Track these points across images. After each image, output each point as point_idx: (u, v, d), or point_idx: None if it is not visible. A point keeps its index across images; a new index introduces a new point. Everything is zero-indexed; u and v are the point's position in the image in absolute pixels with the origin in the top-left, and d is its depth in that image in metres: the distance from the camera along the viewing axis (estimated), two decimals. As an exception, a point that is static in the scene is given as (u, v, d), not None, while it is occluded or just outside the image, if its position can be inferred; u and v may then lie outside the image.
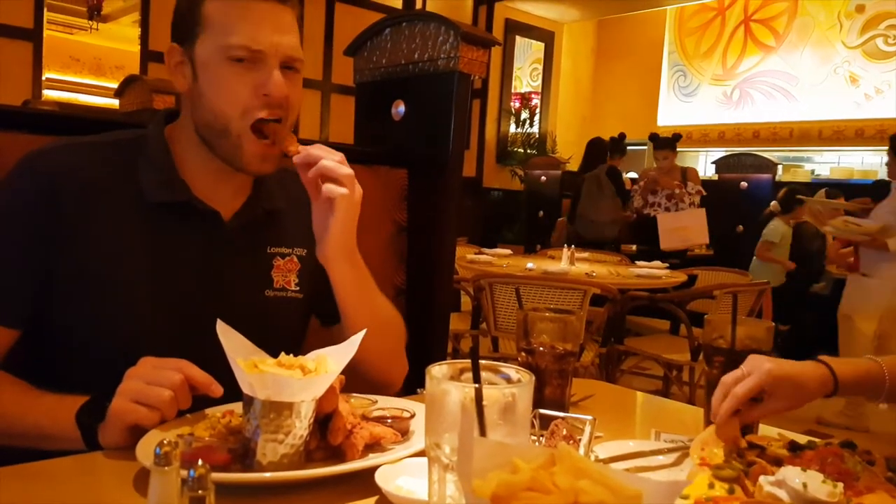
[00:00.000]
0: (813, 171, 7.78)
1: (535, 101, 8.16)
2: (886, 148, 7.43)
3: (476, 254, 3.99)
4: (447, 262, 1.70)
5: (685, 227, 5.08)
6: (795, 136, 8.02)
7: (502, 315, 3.07)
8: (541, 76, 8.41)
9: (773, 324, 1.12)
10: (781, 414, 0.97)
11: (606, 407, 1.26)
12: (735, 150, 7.72)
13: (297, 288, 1.17)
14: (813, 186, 6.39)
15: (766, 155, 6.49)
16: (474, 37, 1.60)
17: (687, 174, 5.53)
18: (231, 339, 0.91)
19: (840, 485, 0.79)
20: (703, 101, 8.84)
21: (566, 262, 3.70)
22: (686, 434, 1.11)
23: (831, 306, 5.05)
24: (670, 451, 0.97)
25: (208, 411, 0.97)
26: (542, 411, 0.95)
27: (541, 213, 6.38)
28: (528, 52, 8.51)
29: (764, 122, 8.23)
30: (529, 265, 3.52)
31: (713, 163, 6.58)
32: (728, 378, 0.95)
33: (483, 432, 0.61)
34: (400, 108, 1.73)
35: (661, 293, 3.56)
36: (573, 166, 7.33)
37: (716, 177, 6.56)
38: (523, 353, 1.08)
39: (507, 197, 7.57)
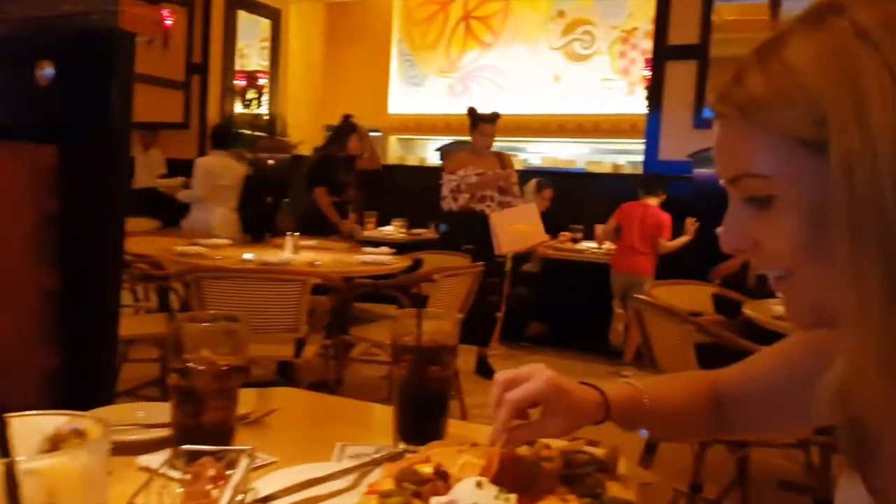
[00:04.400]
0: (526, 161, 8.44)
1: (263, 80, 7.77)
2: (584, 140, 8.40)
3: (190, 244, 3.63)
4: (114, 257, 1.42)
5: (522, 225, 4.61)
6: (511, 128, 8.61)
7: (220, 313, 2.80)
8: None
9: (461, 315, 1.07)
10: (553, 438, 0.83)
11: (292, 420, 1.11)
12: (460, 138, 8.09)
13: None
14: (527, 173, 6.92)
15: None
16: (138, -11, 1.35)
17: (505, 161, 4.88)
18: None
19: (513, 497, 0.72)
20: (430, 90, 9.14)
21: (290, 250, 3.51)
22: (374, 443, 1.00)
23: (541, 284, 5.51)
24: (345, 472, 0.84)
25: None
26: (187, 447, 0.77)
27: (269, 198, 6.08)
28: (256, 29, 8.09)
29: (485, 113, 8.74)
30: (247, 256, 3.27)
31: (436, 150, 6.83)
32: (502, 377, 0.81)
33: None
34: (47, 71, 1.41)
35: (388, 279, 3.54)
36: (306, 150, 7.12)
37: (439, 163, 6.80)
38: (174, 374, 0.88)
39: (236, 182, 7.13)
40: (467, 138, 8.25)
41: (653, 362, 2.75)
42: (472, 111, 4.91)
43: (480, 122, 4.81)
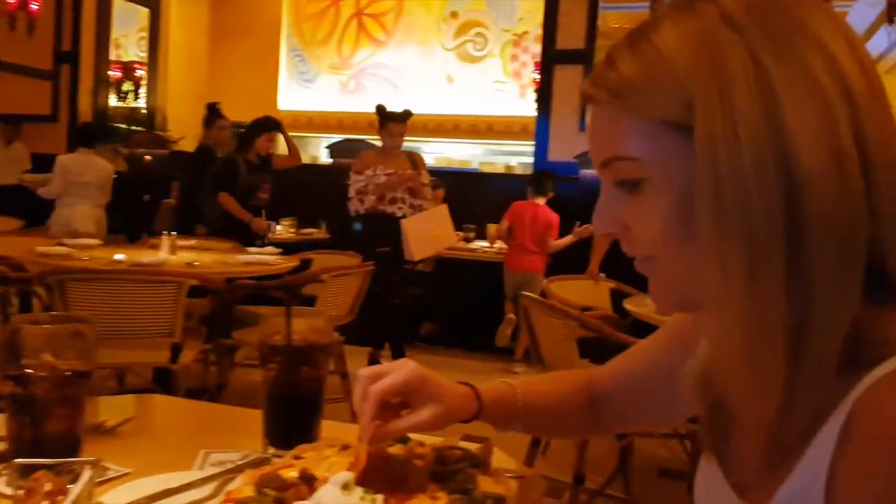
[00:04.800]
0: (422, 160, 8.46)
1: (141, 72, 7.37)
2: (478, 140, 8.50)
3: (56, 244, 3.37)
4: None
5: (434, 229, 4.40)
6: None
7: (86, 315, 2.61)
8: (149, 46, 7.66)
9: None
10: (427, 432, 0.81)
11: (155, 428, 1.04)
12: (353, 137, 8.01)
13: None
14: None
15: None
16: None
17: (417, 161, 4.61)
18: None
19: (379, 497, 0.70)
20: (322, 88, 8.99)
21: (166, 251, 3.33)
22: (243, 449, 0.95)
23: (434, 283, 5.53)
24: (205, 481, 0.79)
25: None
26: (21, 461, 0.69)
27: (146, 196, 5.75)
28: (134, 18, 7.67)
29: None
30: (118, 256, 3.08)
31: (327, 147, 6.72)
32: (366, 371, 0.78)
33: None
34: None
35: (274, 279, 3.43)
36: (189, 146, 6.83)
37: (330, 161, 6.70)
38: (9, 382, 0.80)
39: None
40: (360, 137, 8.16)
41: (540, 359, 2.81)
42: (380, 109, 4.62)
43: (389, 122, 4.52)
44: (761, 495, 0.55)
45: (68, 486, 0.69)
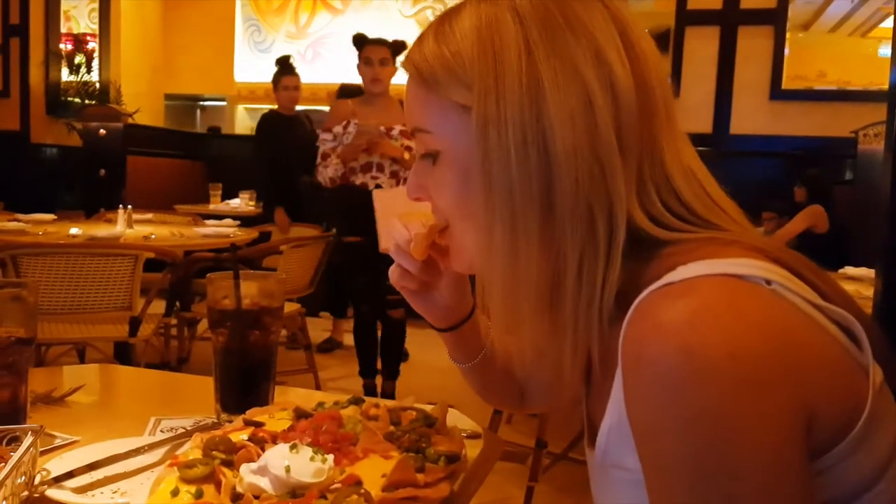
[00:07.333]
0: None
1: (93, 44, 7.12)
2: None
3: (9, 220, 3.28)
4: None
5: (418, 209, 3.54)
6: (365, 98, 8.51)
7: (42, 293, 2.55)
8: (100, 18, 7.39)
9: (284, 276, 1.02)
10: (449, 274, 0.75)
11: (106, 397, 1.03)
12: (310, 108, 7.87)
13: None
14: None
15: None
16: None
17: None
18: None
19: (330, 457, 0.70)
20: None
21: (122, 224, 3.26)
22: (194, 415, 0.95)
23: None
24: (155, 447, 0.79)
25: None
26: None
27: (102, 171, 5.60)
28: (84, -12, 7.39)
29: (339, 83, 8.55)
30: (73, 231, 3.01)
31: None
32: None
33: None
34: None
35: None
36: (144, 119, 6.66)
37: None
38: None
39: (65, 154, 6.51)
40: (319, 108, 7.99)
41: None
42: (356, 36, 3.53)
43: (365, 45, 3.37)
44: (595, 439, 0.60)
45: (11, 454, 0.68)
